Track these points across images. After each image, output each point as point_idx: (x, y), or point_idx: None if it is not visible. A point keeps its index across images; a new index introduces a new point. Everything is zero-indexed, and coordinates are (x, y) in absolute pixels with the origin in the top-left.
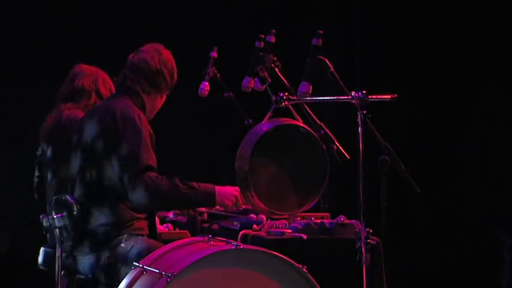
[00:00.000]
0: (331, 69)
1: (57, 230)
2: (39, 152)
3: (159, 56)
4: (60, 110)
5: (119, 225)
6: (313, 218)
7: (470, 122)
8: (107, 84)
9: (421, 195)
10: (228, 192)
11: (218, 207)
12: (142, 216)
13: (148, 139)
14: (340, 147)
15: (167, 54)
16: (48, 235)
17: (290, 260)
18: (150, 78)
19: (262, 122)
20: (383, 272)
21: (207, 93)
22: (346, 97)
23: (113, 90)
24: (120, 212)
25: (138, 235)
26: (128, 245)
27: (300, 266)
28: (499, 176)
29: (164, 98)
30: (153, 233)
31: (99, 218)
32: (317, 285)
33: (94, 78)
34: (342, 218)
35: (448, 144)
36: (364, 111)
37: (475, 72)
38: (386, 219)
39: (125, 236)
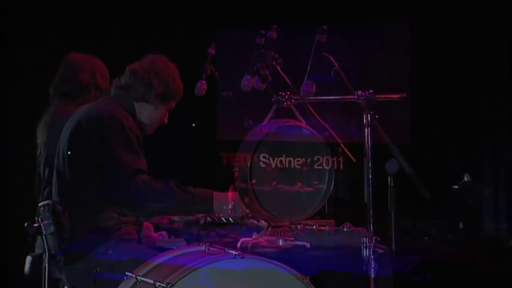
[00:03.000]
0: (336, 67)
1: (44, 237)
2: (38, 152)
3: (152, 64)
4: (58, 107)
5: (104, 231)
6: (317, 225)
7: (477, 123)
8: (104, 75)
9: (431, 201)
10: (226, 198)
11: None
12: (130, 220)
13: (135, 142)
14: (346, 150)
15: (164, 65)
16: (34, 243)
17: (292, 270)
18: (138, 84)
19: (263, 123)
20: (391, 284)
21: (204, 92)
22: (352, 96)
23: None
24: (104, 217)
25: (126, 240)
26: (116, 252)
27: (303, 276)
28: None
29: (163, 111)
30: (140, 239)
31: (82, 223)
32: None
33: (92, 71)
34: (347, 225)
35: (454, 145)
36: (371, 112)
37: (484, 73)
38: (395, 226)
39: (113, 242)
